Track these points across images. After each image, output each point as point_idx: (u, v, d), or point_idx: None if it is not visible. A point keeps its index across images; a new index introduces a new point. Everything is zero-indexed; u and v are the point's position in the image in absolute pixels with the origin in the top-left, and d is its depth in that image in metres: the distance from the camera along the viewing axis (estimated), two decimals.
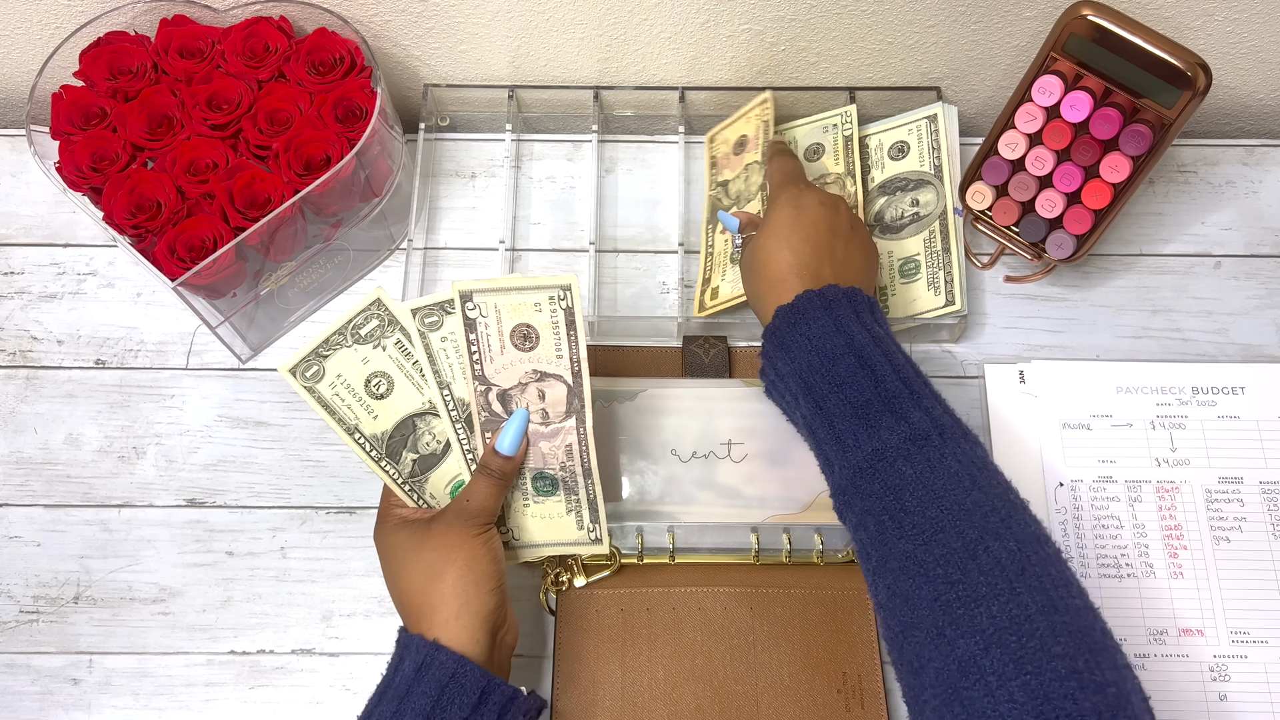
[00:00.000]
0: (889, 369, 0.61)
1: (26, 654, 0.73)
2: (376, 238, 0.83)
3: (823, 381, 0.61)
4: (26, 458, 0.78)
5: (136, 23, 0.79)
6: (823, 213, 0.68)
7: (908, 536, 0.55)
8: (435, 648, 0.59)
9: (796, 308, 0.64)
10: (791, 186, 0.71)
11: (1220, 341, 0.81)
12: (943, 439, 0.58)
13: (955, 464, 0.57)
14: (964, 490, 0.56)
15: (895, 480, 0.57)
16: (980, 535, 0.54)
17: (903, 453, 0.58)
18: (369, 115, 0.74)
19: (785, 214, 0.68)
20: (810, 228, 0.68)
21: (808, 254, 0.67)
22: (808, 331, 0.63)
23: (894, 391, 0.60)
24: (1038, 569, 0.52)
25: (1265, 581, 0.72)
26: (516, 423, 0.64)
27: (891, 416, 0.59)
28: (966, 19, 0.81)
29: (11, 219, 0.85)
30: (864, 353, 0.61)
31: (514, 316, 0.62)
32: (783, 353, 0.64)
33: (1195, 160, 0.87)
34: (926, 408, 0.59)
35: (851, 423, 0.60)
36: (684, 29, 0.82)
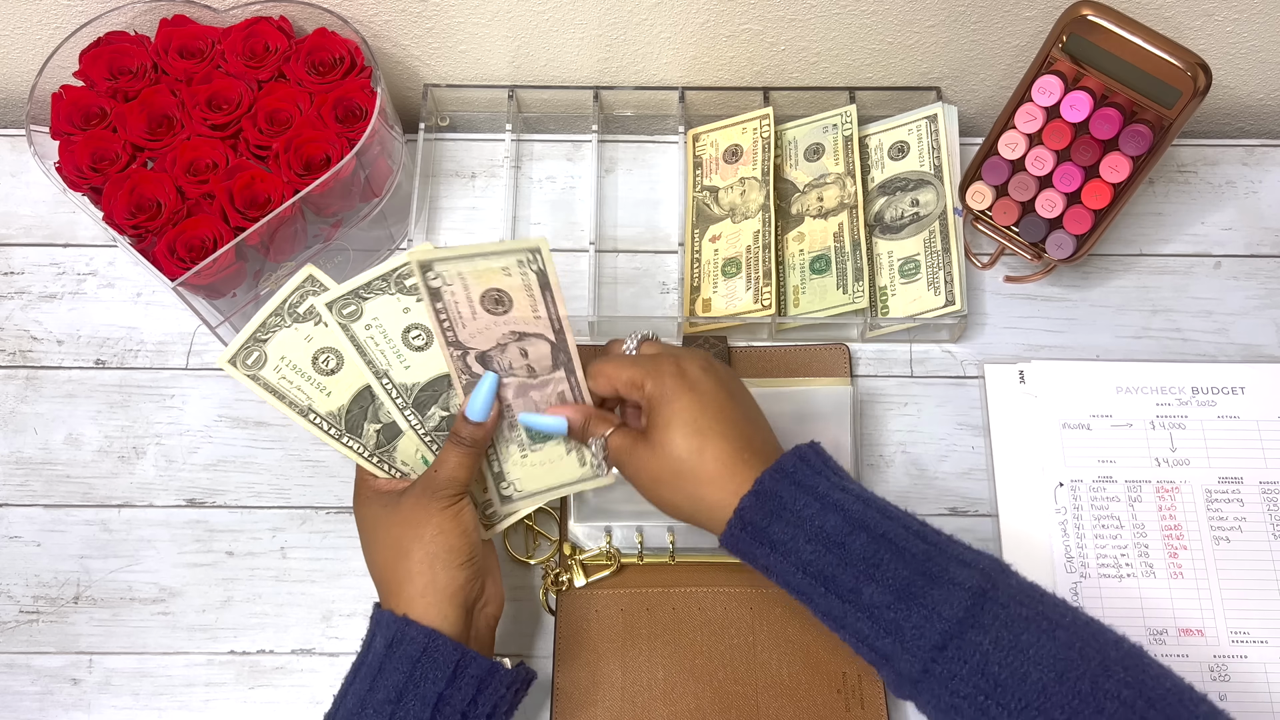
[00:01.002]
0: (903, 532, 0.55)
1: (26, 654, 0.73)
2: (376, 238, 0.83)
3: (843, 572, 0.55)
4: (26, 458, 0.78)
5: (136, 23, 0.79)
6: (712, 381, 0.60)
7: (1015, 712, 0.51)
8: (405, 623, 0.59)
9: (763, 495, 0.56)
10: (662, 370, 0.60)
11: (1220, 341, 0.81)
12: (995, 587, 0.53)
13: (1021, 609, 0.53)
14: (1047, 635, 0.52)
15: (975, 656, 0.52)
16: (1093, 682, 0.50)
17: (970, 622, 0.52)
18: (369, 115, 0.74)
19: (686, 404, 0.59)
20: (715, 405, 0.59)
21: (733, 435, 0.58)
22: (794, 519, 0.56)
23: (924, 555, 0.54)
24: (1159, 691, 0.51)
25: (1265, 581, 0.72)
26: (485, 387, 0.61)
27: (940, 588, 0.53)
28: (966, 19, 0.81)
29: (11, 219, 0.85)
30: (868, 523, 0.55)
31: (482, 283, 0.58)
32: (767, 550, 0.57)
33: (1195, 160, 0.87)
34: (960, 556, 0.55)
35: (901, 610, 0.53)
36: (684, 29, 0.82)
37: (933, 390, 0.80)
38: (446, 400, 0.63)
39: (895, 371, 0.80)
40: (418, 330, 0.62)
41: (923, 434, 0.78)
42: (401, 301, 0.61)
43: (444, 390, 0.63)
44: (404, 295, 0.61)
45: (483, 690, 0.59)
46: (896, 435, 0.78)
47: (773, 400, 0.73)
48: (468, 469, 0.62)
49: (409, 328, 0.62)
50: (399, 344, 0.62)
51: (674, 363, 0.61)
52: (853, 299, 0.79)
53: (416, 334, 0.62)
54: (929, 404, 0.79)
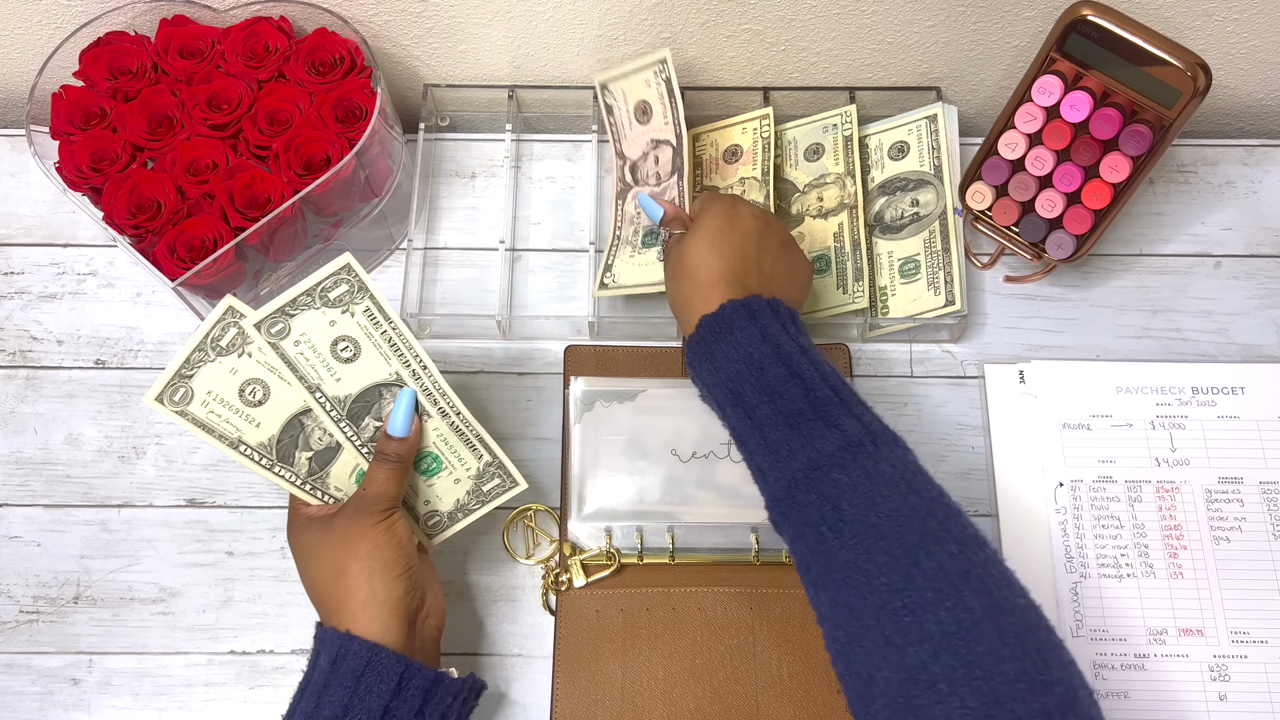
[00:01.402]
0: (818, 377, 0.60)
1: (26, 654, 0.73)
2: (376, 238, 0.83)
3: (752, 391, 0.60)
4: (26, 458, 0.78)
5: (136, 23, 0.79)
6: (755, 225, 0.68)
7: (848, 546, 0.55)
8: (348, 638, 0.59)
9: (721, 317, 0.63)
10: (726, 197, 0.70)
11: (1220, 341, 0.81)
12: (875, 445, 0.57)
13: (890, 469, 0.57)
14: (901, 495, 0.55)
15: (832, 489, 0.56)
16: (921, 540, 0.53)
17: (838, 461, 0.57)
18: (369, 115, 0.74)
19: (718, 221, 0.68)
20: (742, 238, 0.67)
21: (737, 263, 0.66)
22: (734, 340, 0.62)
23: (825, 399, 0.59)
24: (980, 571, 0.52)
25: (1265, 581, 0.72)
26: (403, 404, 0.64)
27: (824, 425, 0.58)
28: (966, 19, 0.81)
29: (11, 219, 0.85)
30: (792, 361, 0.60)
31: (633, 95, 0.79)
32: (708, 363, 0.63)
33: (1195, 160, 0.87)
34: (858, 414, 0.59)
35: (784, 432, 0.59)
36: (684, 29, 0.82)
37: (933, 390, 0.80)
38: (379, 410, 0.65)
39: (895, 371, 0.80)
40: (345, 342, 0.63)
41: (923, 434, 0.78)
42: (327, 315, 0.62)
43: (375, 400, 0.65)
44: (329, 309, 0.62)
45: (429, 700, 0.60)
46: None
47: None
48: (396, 483, 0.63)
49: (336, 340, 0.63)
50: (328, 357, 0.63)
51: (735, 198, 0.70)
52: (853, 299, 0.79)
53: (344, 346, 0.63)
54: (929, 404, 0.79)
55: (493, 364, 0.81)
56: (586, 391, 0.75)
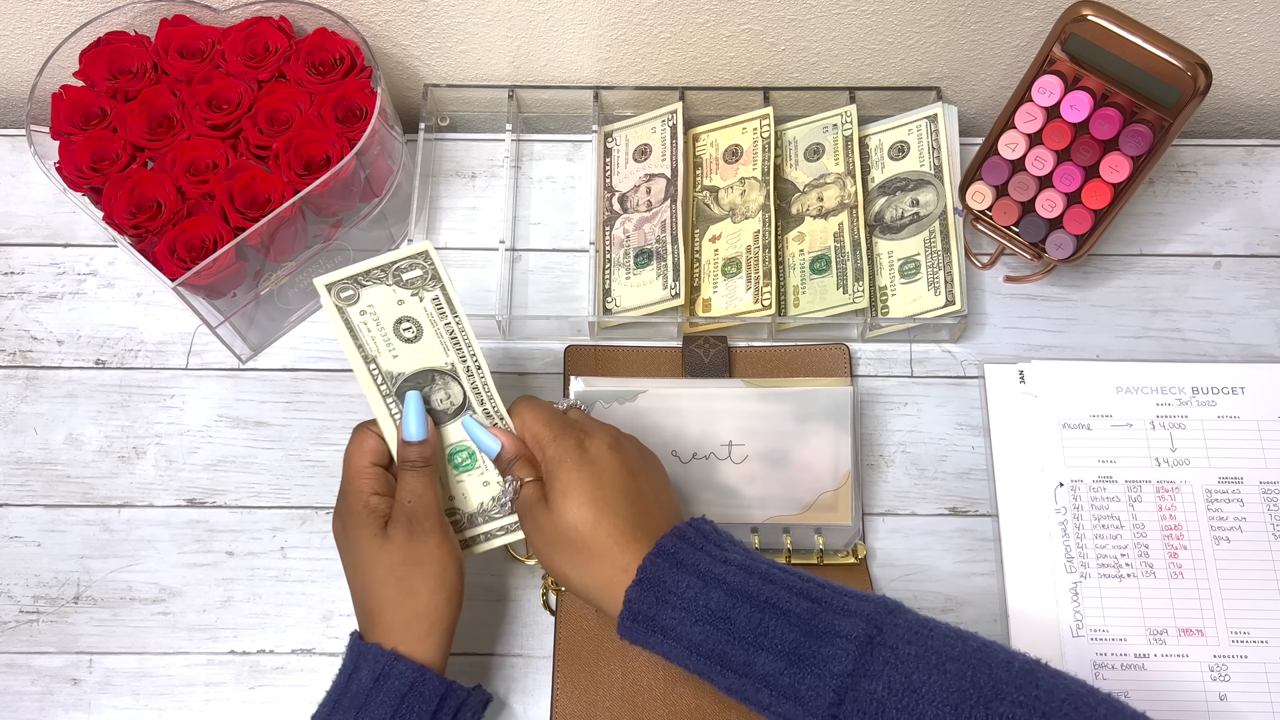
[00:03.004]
0: (783, 592, 0.55)
1: (26, 654, 0.73)
2: (376, 238, 0.83)
3: (734, 648, 0.55)
4: (26, 458, 0.78)
5: (136, 23, 0.79)
6: (616, 458, 0.60)
7: None
8: (394, 658, 0.59)
9: (647, 583, 0.56)
10: (567, 436, 0.61)
11: (1220, 341, 0.81)
12: (881, 631, 0.53)
13: (909, 649, 0.53)
14: (937, 671, 0.52)
15: (871, 705, 0.52)
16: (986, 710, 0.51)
17: (861, 672, 0.52)
18: (369, 115, 0.74)
19: (584, 475, 0.59)
20: (615, 478, 0.60)
21: (628, 510, 0.59)
22: (679, 603, 0.56)
23: (808, 614, 0.54)
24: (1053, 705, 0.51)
25: (1265, 581, 0.72)
26: (413, 408, 0.63)
27: (827, 643, 0.53)
28: (966, 19, 0.81)
29: (11, 219, 0.85)
30: (750, 592, 0.55)
31: (636, 140, 0.85)
32: (660, 636, 0.57)
33: (1195, 160, 0.87)
34: (843, 607, 0.54)
35: (793, 675, 0.53)
36: (684, 29, 0.82)
37: (933, 390, 0.80)
38: (430, 393, 0.64)
39: (895, 371, 0.80)
40: (409, 324, 0.63)
41: (923, 434, 0.78)
42: (397, 294, 0.62)
43: (427, 384, 0.64)
44: (400, 289, 0.62)
45: (457, 717, 0.61)
46: (896, 435, 0.78)
47: (773, 400, 0.74)
48: (432, 488, 0.63)
49: (401, 319, 0.63)
50: (390, 333, 0.63)
51: (579, 435, 0.61)
52: (853, 299, 0.79)
53: (408, 327, 0.63)
54: (929, 404, 0.79)
55: (493, 364, 0.81)
56: (586, 391, 0.75)
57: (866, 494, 0.77)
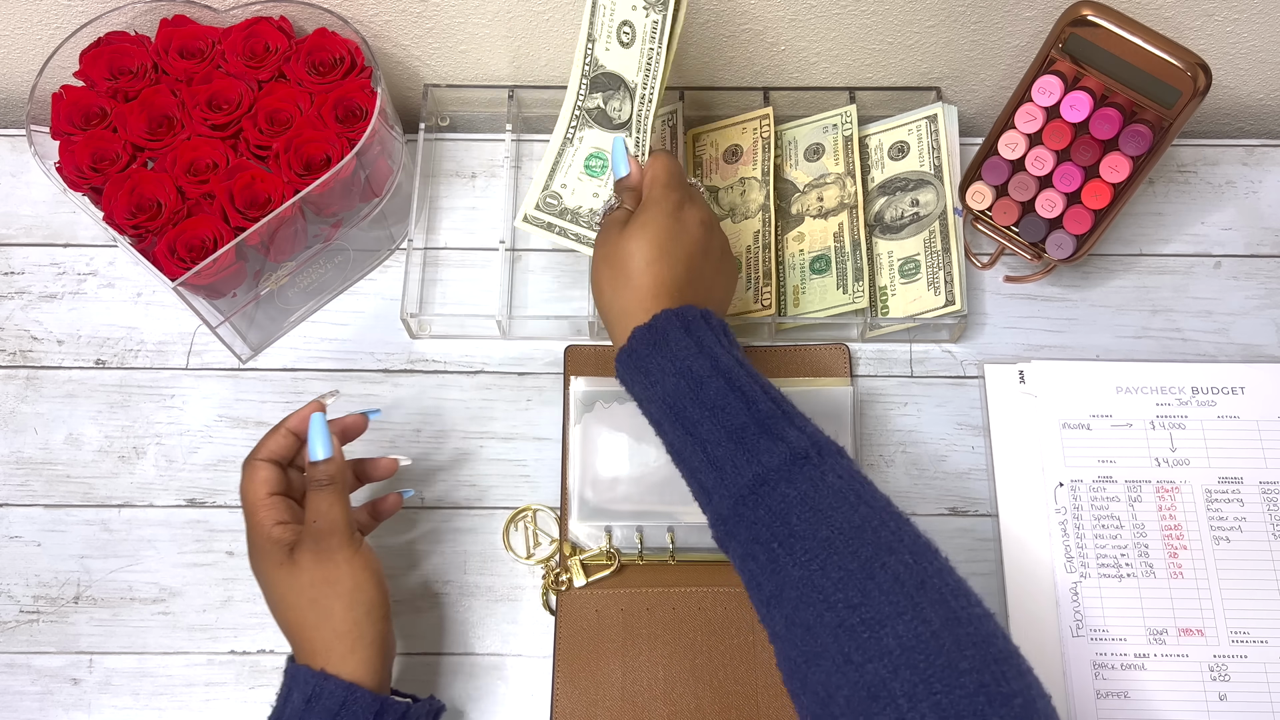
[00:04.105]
0: (758, 390, 0.59)
1: (26, 654, 0.73)
2: (376, 238, 0.83)
3: (693, 406, 0.58)
4: (27, 458, 0.78)
5: (136, 23, 0.79)
6: (701, 233, 0.65)
7: (801, 562, 0.53)
8: (323, 678, 0.59)
9: (655, 328, 0.61)
10: (676, 193, 0.66)
11: (1220, 341, 0.81)
12: (821, 456, 0.56)
13: (837, 480, 0.55)
14: (851, 507, 0.54)
15: (780, 504, 0.55)
16: (875, 552, 0.52)
17: (785, 474, 0.55)
18: (369, 115, 0.74)
19: (668, 224, 0.64)
20: (690, 245, 0.64)
21: (681, 272, 0.63)
22: (670, 354, 0.60)
23: (768, 412, 0.57)
24: (936, 581, 0.51)
25: (1265, 581, 0.73)
26: (317, 429, 0.63)
27: (769, 439, 0.57)
28: (966, 19, 0.81)
29: (12, 219, 0.85)
30: (731, 374, 0.59)
31: None
32: (642, 376, 0.61)
33: (1195, 160, 0.87)
34: (800, 426, 0.57)
35: (728, 448, 0.57)
36: (684, 29, 0.82)
37: (933, 390, 0.80)
38: (609, 98, 0.73)
39: (895, 371, 0.80)
40: (628, 29, 0.71)
41: (923, 434, 0.78)
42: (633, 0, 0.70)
43: (614, 89, 0.72)
44: None
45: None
46: (896, 435, 0.78)
47: None
48: (341, 506, 0.62)
49: (623, 22, 0.71)
50: (614, 30, 0.71)
51: (685, 198, 0.66)
52: (853, 299, 0.79)
53: (627, 32, 0.71)
54: (929, 404, 0.79)
55: (493, 364, 0.81)
56: (586, 391, 0.75)
57: None
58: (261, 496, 0.64)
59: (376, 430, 0.78)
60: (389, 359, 0.81)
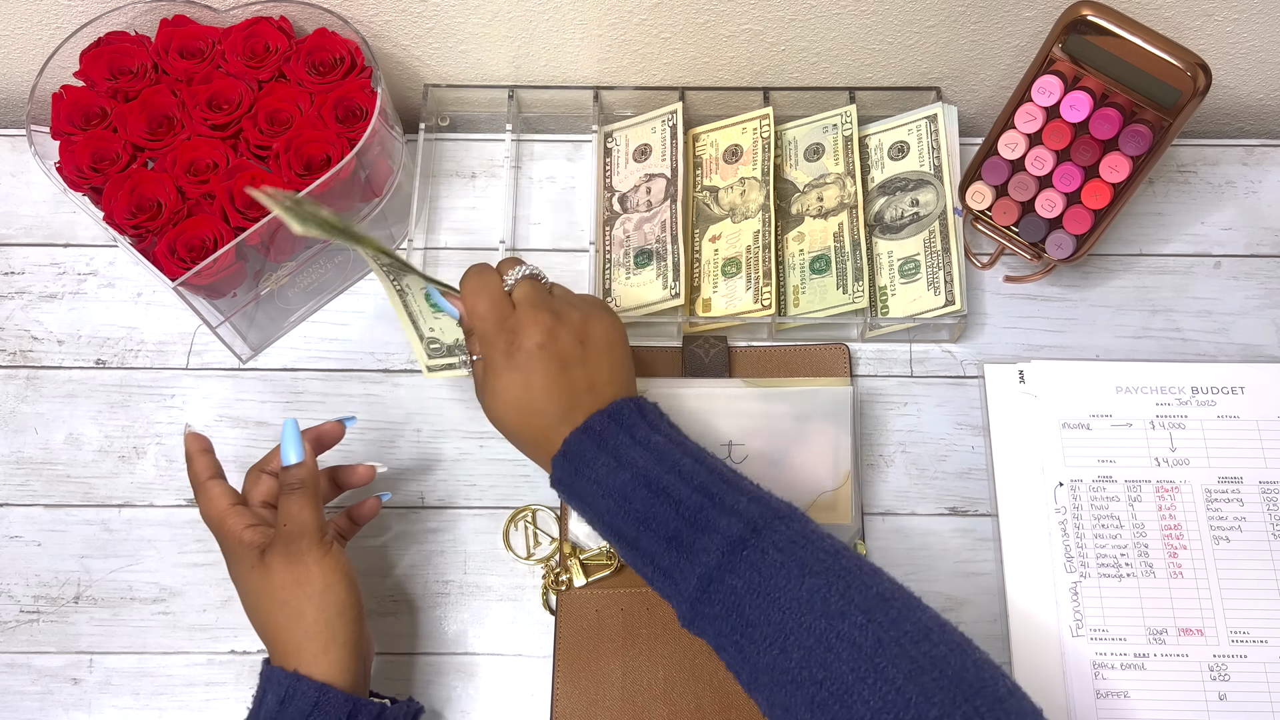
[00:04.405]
0: (682, 485, 0.58)
1: (27, 654, 0.73)
2: (377, 238, 0.83)
3: (627, 524, 0.59)
4: (27, 458, 0.78)
5: (137, 23, 0.79)
6: (544, 356, 0.62)
7: (763, 649, 0.54)
8: (296, 679, 0.60)
9: (570, 455, 0.61)
10: (499, 339, 0.63)
11: (1220, 341, 0.81)
12: (758, 535, 0.56)
13: (778, 555, 0.55)
14: (797, 581, 0.55)
15: (731, 597, 0.56)
16: (829, 624, 0.53)
17: (728, 567, 0.56)
18: (369, 115, 0.74)
19: (511, 382, 0.62)
20: (541, 381, 0.62)
21: (554, 409, 0.62)
22: (593, 476, 0.60)
23: (695, 506, 0.57)
24: (893, 633, 0.52)
25: (1265, 581, 0.73)
26: (289, 433, 0.64)
27: (704, 535, 0.57)
28: (966, 19, 0.81)
29: (12, 219, 0.85)
30: (652, 478, 0.58)
31: (636, 140, 0.85)
32: (579, 503, 0.61)
33: (1195, 160, 0.87)
34: (730, 508, 0.57)
35: (671, 556, 0.58)
36: (684, 29, 0.82)
37: (933, 390, 0.80)
38: None
39: (895, 371, 0.80)
40: None
41: (923, 434, 0.78)
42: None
43: None
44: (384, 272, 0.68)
45: None
46: (896, 435, 0.78)
47: (773, 400, 0.74)
48: (312, 509, 0.62)
49: None
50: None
51: (510, 336, 0.63)
52: (853, 299, 0.79)
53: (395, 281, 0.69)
54: (929, 404, 0.79)
55: None
56: None
57: (866, 494, 0.77)
58: (224, 507, 0.64)
59: (377, 430, 0.79)
60: (389, 359, 0.81)
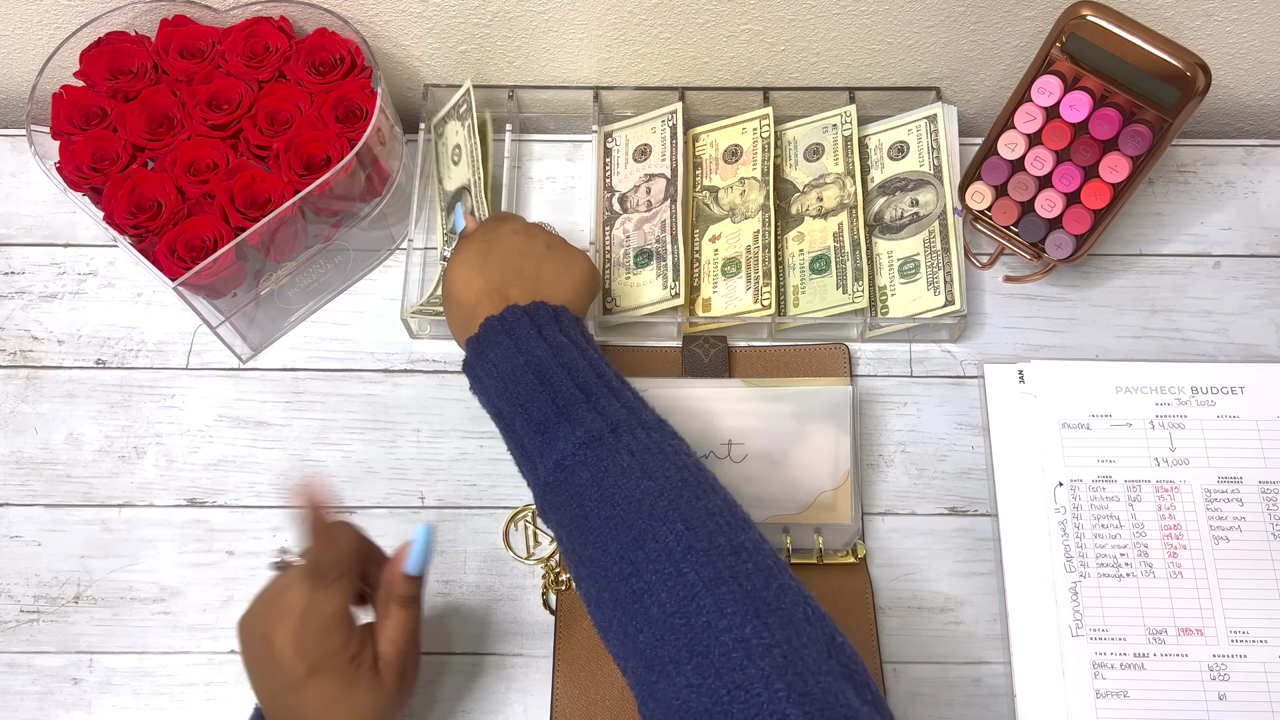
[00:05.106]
0: (565, 377, 0.60)
1: (27, 654, 0.73)
2: (376, 238, 0.83)
3: (508, 406, 0.61)
4: (27, 458, 0.78)
5: (137, 23, 0.79)
6: (515, 240, 0.68)
7: (590, 542, 0.56)
8: None
9: (480, 338, 0.64)
10: (489, 221, 0.71)
11: (1220, 341, 0.81)
12: (616, 435, 0.58)
13: (627, 457, 0.57)
14: (634, 482, 0.56)
15: (576, 488, 0.57)
16: (649, 524, 0.54)
17: (579, 458, 0.58)
18: (369, 115, 0.74)
19: (476, 244, 0.68)
20: (502, 253, 0.67)
21: (497, 278, 0.66)
22: (492, 358, 0.63)
23: (569, 399, 0.59)
24: (704, 543, 0.53)
25: (1265, 581, 0.73)
26: (420, 541, 0.60)
27: (567, 424, 0.59)
28: (966, 19, 0.81)
29: (12, 219, 0.85)
30: (541, 367, 0.61)
31: (636, 140, 0.85)
32: (477, 384, 0.64)
33: (1195, 160, 0.87)
34: (601, 407, 0.59)
35: (535, 439, 0.60)
36: (684, 29, 0.82)
37: (932, 390, 0.80)
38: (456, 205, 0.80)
39: (895, 371, 0.80)
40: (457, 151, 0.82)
41: (922, 434, 0.78)
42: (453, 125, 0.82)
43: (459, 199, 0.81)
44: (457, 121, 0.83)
45: None
46: (896, 435, 0.78)
47: (772, 400, 0.74)
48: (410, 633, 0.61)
49: (455, 147, 0.82)
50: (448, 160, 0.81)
51: (493, 224, 0.70)
52: (852, 299, 0.79)
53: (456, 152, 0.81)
54: (929, 404, 0.79)
55: None
56: None
57: (866, 494, 0.77)
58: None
59: (377, 429, 0.79)
60: (389, 359, 0.81)
